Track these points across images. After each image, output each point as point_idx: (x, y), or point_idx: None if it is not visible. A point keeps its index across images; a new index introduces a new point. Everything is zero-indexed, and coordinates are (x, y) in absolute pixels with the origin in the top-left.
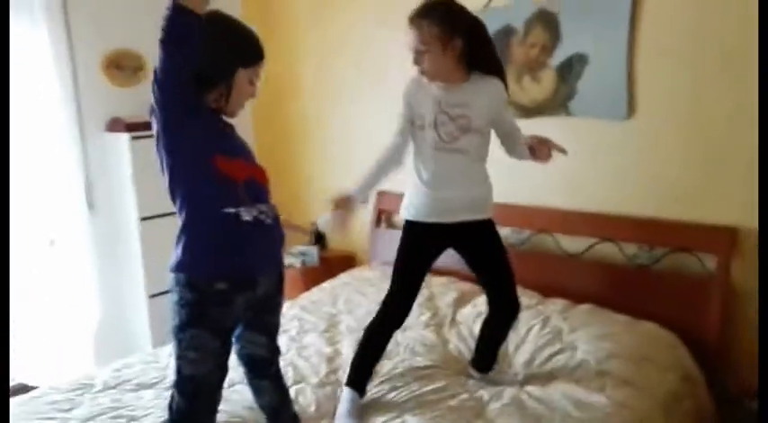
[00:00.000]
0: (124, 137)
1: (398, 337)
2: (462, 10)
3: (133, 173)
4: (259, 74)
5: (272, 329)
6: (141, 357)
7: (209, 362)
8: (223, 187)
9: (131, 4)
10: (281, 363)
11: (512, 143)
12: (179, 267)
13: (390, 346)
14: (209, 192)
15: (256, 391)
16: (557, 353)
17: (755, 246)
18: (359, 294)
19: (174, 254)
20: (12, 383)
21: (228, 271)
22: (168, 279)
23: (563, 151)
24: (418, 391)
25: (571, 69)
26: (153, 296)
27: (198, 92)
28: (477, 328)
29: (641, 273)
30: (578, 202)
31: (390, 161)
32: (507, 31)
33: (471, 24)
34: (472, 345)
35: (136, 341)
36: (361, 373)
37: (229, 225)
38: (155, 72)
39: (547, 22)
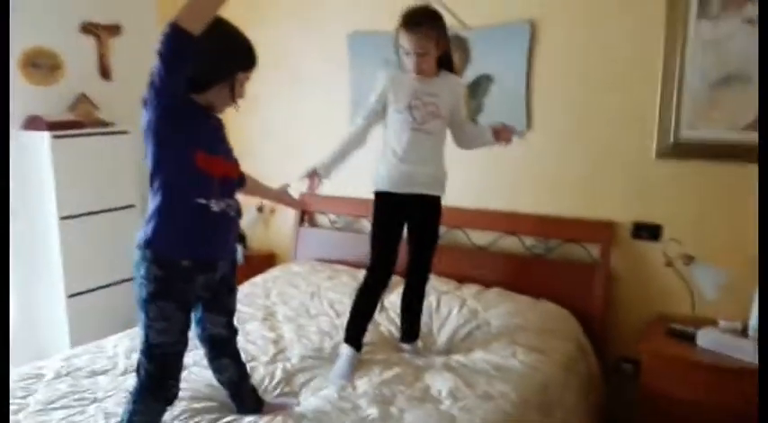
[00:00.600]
0: (45, 135)
1: (336, 321)
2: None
3: (54, 171)
4: (249, 77)
5: (230, 310)
6: (85, 349)
7: (175, 331)
8: (200, 180)
9: (44, 2)
10: None
11: (460, 133)
12: (148, 245)
13: (328, 328)
14: (186, 182)
15: (217, 368)
16: (474, 329)
17: (628, 236)
18: (291, 287)
19: (143, 231)
20: None
21: (194, 252)
22: (133, 255)
23: (519, 134)
24: (364, 363)
25: (479, 87)
26: (72, 296)
27: (194, 92)
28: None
29: (539, 261)
30: (485, 202)
31: (355, 141)
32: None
33: (446, 29)
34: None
35: (53, 342)
36: (355, 332)
37: (200, 213)
38: (151, 77)
39: (457, 45)
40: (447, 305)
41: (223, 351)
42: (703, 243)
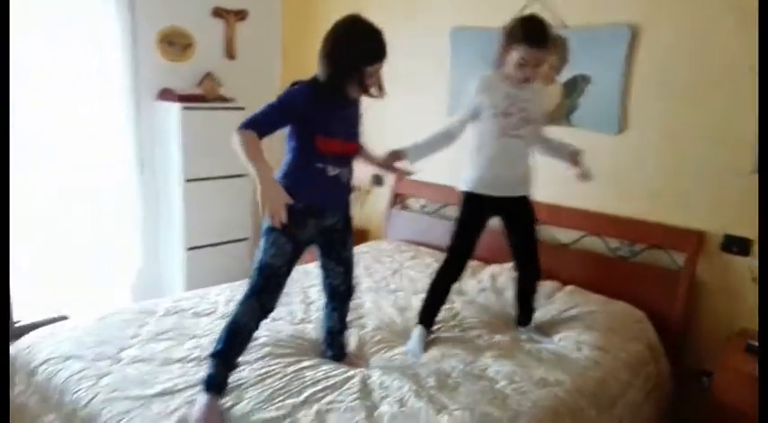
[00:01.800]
0: (176, 106)
1: (412, 298)
2: None
3: (182, 138)
4: (377, 69)
5: (346, 262)
6: (193, 294)
7: (282, 258)
8: (318, 153)
9: None
10: None
11: (541, 139)
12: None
13: (403, 304)
14: (308, 153)
15: (327, 317)
16: (543, 323)
17: (716, 248)
18: (376, 262)
19: (277, 172)
20: (54, 315)
21: (305, 199)
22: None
23: (587, 177)
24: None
25: (575, 87)
26: (190, 249)
27: (330, 87)
28: (480, 299)
29: (622, 263)
30: (573, 201)
31: (447, 136)
32: None
33: None
34: (475, 310)
35: (170, 287)
36: (428, 315)
37: (316, 174)
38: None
39: (557, 44)
40: None
41: (336, 305)
42: None
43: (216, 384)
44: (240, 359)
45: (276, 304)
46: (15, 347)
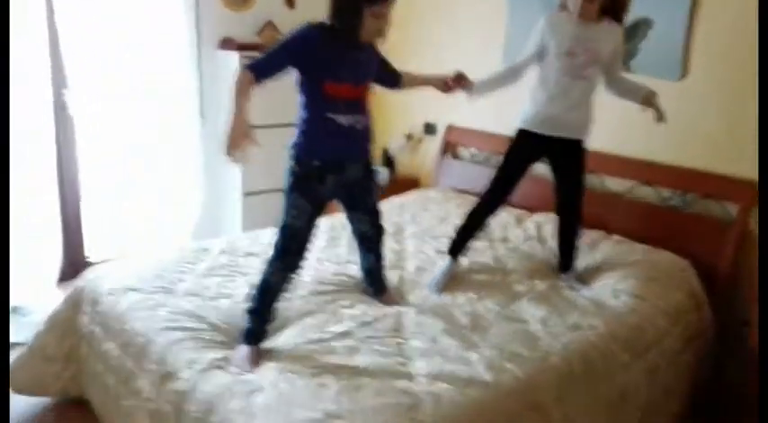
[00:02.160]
0: (235, 55)
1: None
2: None
3: None
4: (382, 12)
5: (370, 208)
6: (247, 235)
7: (303, 218)
8: (329, 101)
9: None
10: None
11: (613, 81)
12: (293, 147)
13: (445, 249)
14: (319, 102)
15: (363, 258)
16: (583, 271)
17: None
18: (423, 210)
19: (294, 136)
20: (118, 253)
21: (323, 155)
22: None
23: (662, 120)
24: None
25: (637, 31)
26: (247, 194)
27: (340, 31)
28: (524, 247)
29: (672, 213)
30: (625, 149)
31: (511, 75)
32: None
33: None
34: (518, 257)
35: (227, 230)
36: (458, 246)
37: (329, 125)
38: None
39: None
40: None
41: (370, 247)
42: None
43: (254, 336)
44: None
45: (302, 262)
46: (83, 279)
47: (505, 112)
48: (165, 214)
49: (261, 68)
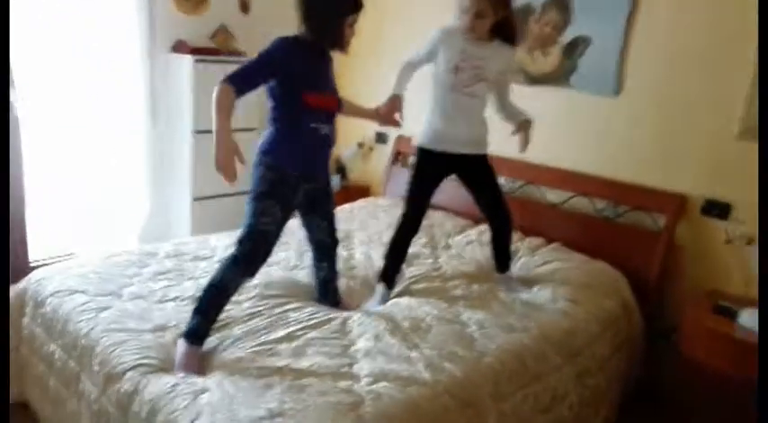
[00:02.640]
0: (188, 58)
1: None
2: None
3: (193, 91)
4: (356, 21)
5: (329, 215)
6: (194, 240)
7: (273, 225)
8: (311, 112)
9: None
10: None
11: (500, 102)
12: (267, 153)
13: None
14: (301, 114)
15: (317, 269)
16: (522, 276)
17: (698, 212)
18: (372, 217)
19: (262, 143)
20: (63, 253)
21: (302, 166)
22: (251, 160)
23: (522, 147)
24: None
25: (576, 48)
26: (197, 199)
27: (313, 39)
28: (466, 253)
29: (605, 224)
30: (563, 162)
31: (408, 68)
32: (526, 10)
33: (510, 1)
34: (458, 263)
35: (176, 237)
36: (390, 273)
37: (310, 135)
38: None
39: (560, 5)
40: None
41: (324, 256)
42: None
43: (196, 336)
44: (232, 301)
45: (259, 269)
46: (27, 281)
47: None
48: (114, 216)
49: (240, 82)
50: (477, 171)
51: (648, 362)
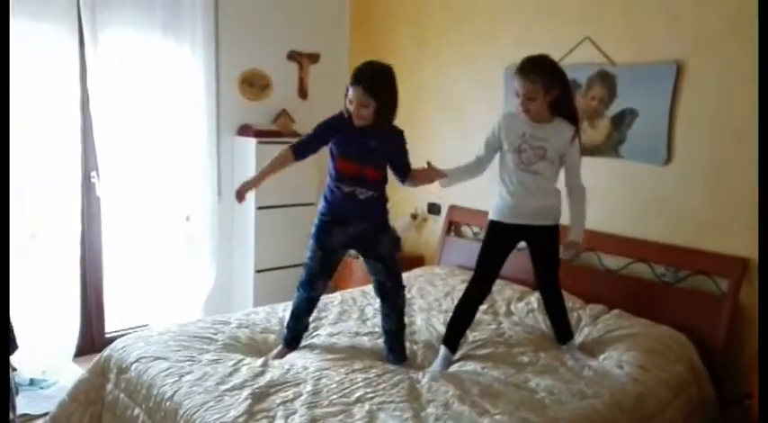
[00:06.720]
0: (252, 141)
1: None
2: (557, 66)
3: (257, 170)
4: (353, 96)
5: (383, 257)
6: (262, 309)
7: (314, 260)
8: (338, 174)
9: (262, 34)
10: None
11: (568, 180)
12: (320, 204)
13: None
14: (333, 174)
15: (384, 317)
16: (588, 343)
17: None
18: (429, 285)
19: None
20: (136, 324)
21: (331, 211)
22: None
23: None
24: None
25: (623, 120)
26: (259, 271)
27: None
28: (528, 320)
29: (667, 288)
30: (620, 228)
31: (473, 170)
32: (572, 85)
33: (564, 79)
34: (520, 330)
35: (239, 308)
36: (454, 336)
37: (335, 192)
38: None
39: (605, 80)
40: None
41: (390, 305)
42: None
43: (286, 341)
44: (300, 364)
45: (316, 293)
46: (111, 349)
47: None
48: (180, 288)
49: (298, 146)
50: (542, 240)
51: None
